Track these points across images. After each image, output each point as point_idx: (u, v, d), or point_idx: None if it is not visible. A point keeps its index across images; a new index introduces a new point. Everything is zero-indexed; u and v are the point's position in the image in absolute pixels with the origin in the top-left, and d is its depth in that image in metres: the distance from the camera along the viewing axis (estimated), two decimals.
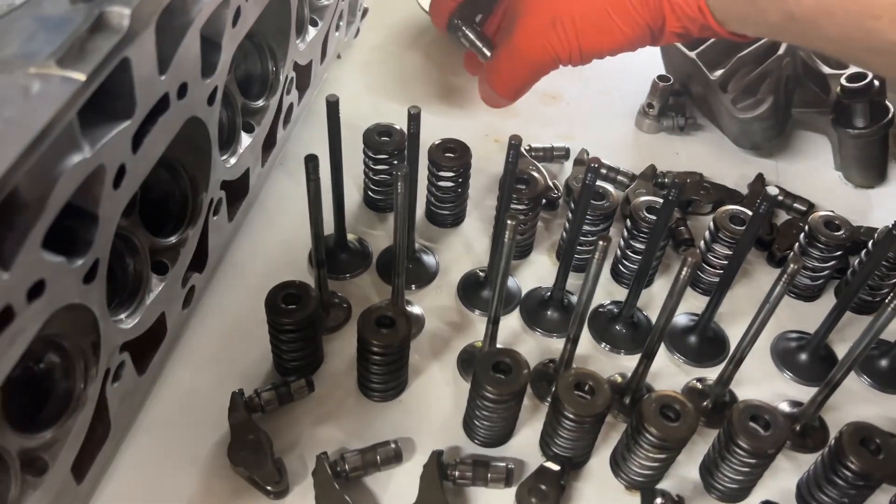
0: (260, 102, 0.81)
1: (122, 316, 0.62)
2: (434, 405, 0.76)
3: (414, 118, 0.74)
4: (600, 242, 0.62)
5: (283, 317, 0.70)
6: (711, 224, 0.83)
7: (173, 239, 0.68)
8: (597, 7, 0.73)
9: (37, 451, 0.54)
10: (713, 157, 1.04)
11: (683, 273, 0.63)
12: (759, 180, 0.98)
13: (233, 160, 0.75)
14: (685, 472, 0.72)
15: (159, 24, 0.50)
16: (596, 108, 1.11)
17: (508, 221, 0.62)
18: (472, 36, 0.84)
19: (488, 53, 0.84)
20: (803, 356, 0.81)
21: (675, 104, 1.07)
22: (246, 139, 0.78)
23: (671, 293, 0.65)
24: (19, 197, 0.41)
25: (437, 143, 0.87)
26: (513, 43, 0.77)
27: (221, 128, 0.70)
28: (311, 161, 0.66)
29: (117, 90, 0.48)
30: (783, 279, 0.63)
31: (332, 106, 0.71)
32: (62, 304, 0.48)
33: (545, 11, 0.74)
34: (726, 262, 0.81)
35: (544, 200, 0.91)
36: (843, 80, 0.94)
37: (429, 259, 0.88)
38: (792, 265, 0.62)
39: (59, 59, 0.42)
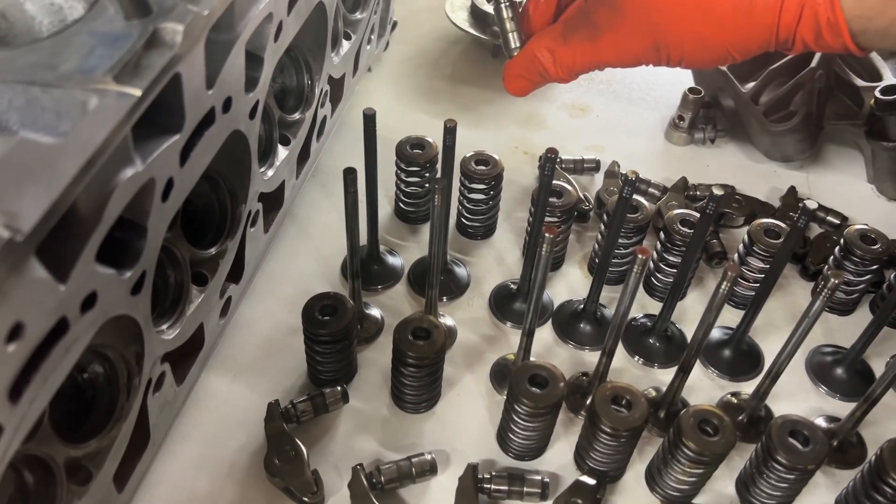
0: (296, 115, 0.81)
1: (164, 327, 0.62)
2: (468, 417, 0.76)
3: (450, 131, 0.74)
4: (640, 256, 0.62)
5: (321, 328, 0.70)
6: (746, 237, 0.82)
7: (213, 250, 0.68)
8: (711, 41, 0.65)
9: (82, 461, 0.55)
10: (744, 169, 1.04)
11: (723, 287, 0.63)
12: (792, 193, 0.97)
13: (270, 172, 0.76)
14: (721, 486, 0.72)
15: (208, 40, 0.51)
16: (625, 120, 1.11)
17: (546, 235, 0.62)
18: (509, 14, 0.73)
19: (516, 46, 0.74)
20: (839, 371, 0.80)
21: (704, 116, 1.07)
22: (282, 152, 0.78)
23: (709, 307, 0.65)
24: (77, 211, 0.41)
25: (468, 155, 0.87)
26: (598, 55, 0.70)
27: (260, 141, 0.71)
28: (350, 174, 0.67)
29: (168, 105, 0.48)
30: (822, 295, 0.62)
31: (370, 119, 0.72)
32: (111, 314, 0.49)
33: (647, 34, 0.67)
34: (761, 276, 0.81)
35: (576, 213, 0.91)
36: (877, 93, 0.94)
37: (460, 271, 0.88)
38: (832, 280, 0.61)
39: (116, 75, 0.43)
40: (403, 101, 1.12)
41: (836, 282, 0.61)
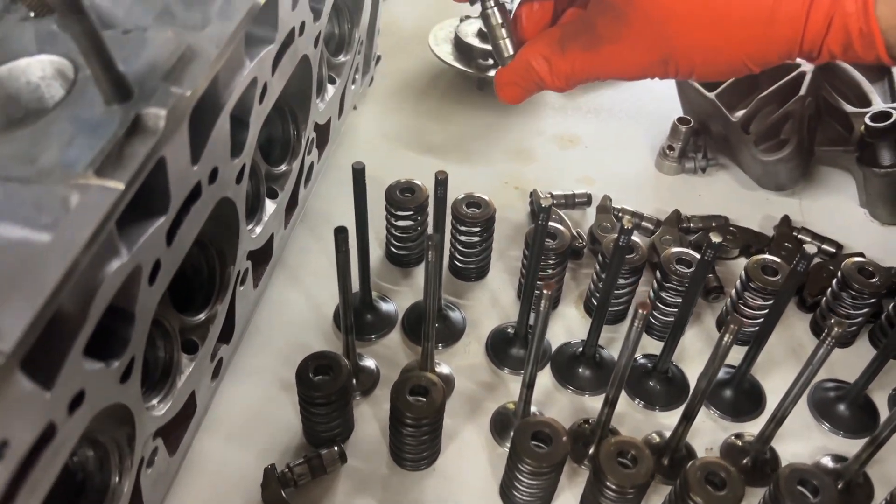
0: (283, 167, 0.80)
1: (155, 402, 0.61)
2: (470, 472, 0.74)
3: (441, 183, 0.73)
4: (640, 311, 0.61)
5: (316, 390, 0.68)
6: (743, 274, 0.81)
7: (202, 316, 0.66)
8: (726, 53, 0.60)
9: None
10: (736, 197, 1.03)
11: (725, 340, 0.62)
12: (786, 222, 0.97)
13: (258, 229, 0.74)
14: None
15: (192, 115, 0.49)
16: (614, 150, 1.11)
17: (545, 291, 0.61)
18: (498, 20, 0.69)
19: (509, 54, 0.70)
20: (842, 407, 0.79)
21: (694, 144, 1.06)
22: (270, 206, 0.77)
23: (712, 358, 0.64)
24: (61, 312, 0.40)
25: (459, 198, 0.86)
26: (599, 66, 0.66)
27: (247, 199, 0.69)
28: (341, 234, 0.65)
29: (153, 188, 0.47)
30: (826, 343, 0.61)
31: (359, 174, 0.70)
32: (101, 407, 0.47)
33: (654, 47, 0.62)
34: (759, 314, 0.80)
35: (571, 251, 0.90)
36: (867, 120, 0.93)
37: (455, 315, 0.87)
38: (836, 329, 0.60)
39: (98, 168, 0.41)
40: (389, 138, 1.10)
41: (840, 330, 0.61)
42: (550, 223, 0.82)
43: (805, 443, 0.78)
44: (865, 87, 0.99)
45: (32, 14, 0.53)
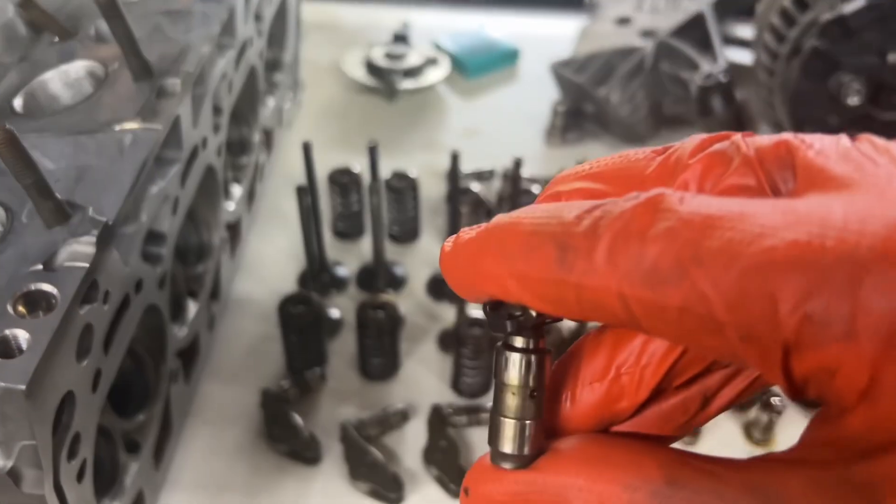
0: (199, 268, 0.88)
1: None
2: (425, 376, 0.93)
3: (373, 150, 0.93)
4: None
5: (295, 319, 0.86)
6: None
7: (141, 417, 0.72)
8: None
9: None
10: (610, 153, 1.27)
11: None
12: None
13: (185, 330, 0.81)
14: None
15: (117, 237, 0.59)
16: (511, 136, 1.34)
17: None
18: (528, 379, 0.32)
19: (515, 452, 0.32)
20: None
21: (574, 121, 1.30)
22: (192, 306, 0.84)
23: None
24: None
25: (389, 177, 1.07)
26: None
27: (171, 298, 0.74)
28: (302, 190, 0.84)
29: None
30: None
31: (308, 148, 0.90)
32: None
33: None
34: None
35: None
36: (697, 81, 1.19)
37: (398, 269, 1.07)
38: None
39: (142, 118, 0.60)
40: (320, 151, 1.30)
41: None
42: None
43: None
44: (695, 57, 1.25)
45: (57, 39, 0.71)
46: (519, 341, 0.32)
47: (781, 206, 0.25)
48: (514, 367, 0.32)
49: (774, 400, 0.84)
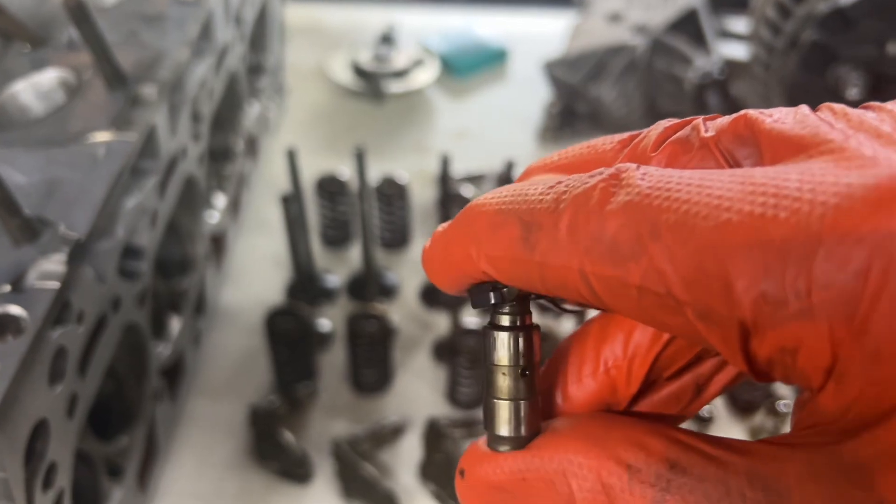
0: (183, 283, 0.85)
1: None
2: (419, 388, 0.90)
3: (359, 156, 0.90)
4: None
5: (283, 332, 0.83)
6: None
7: (124, 440, 0.70)
8: None
9: None
10: None
11: None
12: None
13: (169, 347, 0.79)
14: None
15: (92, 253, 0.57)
16: (502, 136, 1.31)
17: None
18: (518, 358, 0.31)
19: (512, 435, 0.31)
20: None
21: (568, 119, 1.28)
22: (176, 322, 0.82)
23: None
24: None
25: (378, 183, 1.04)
26: None
27: (153, 315, 0.71)
28: (288, 199, 0.81)
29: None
30: None
31: (292, 155, 0.87)
32: None
33: None
34: None
35: None
36: (691, 78, 1.16)
37: (390, 276, 1.04)
38: None
39: (117, 127, 0.57)
40: (307, 157, 1.27)
41: None
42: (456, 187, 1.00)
43: None
44: (689, 53, 1.22)
45: (28, 47, 0.68)
46: (505, 319, 0.31)
47: (739, 176, 0.24)
48: (503, 347, 0.31)
49: (780, 405, 0.81)
